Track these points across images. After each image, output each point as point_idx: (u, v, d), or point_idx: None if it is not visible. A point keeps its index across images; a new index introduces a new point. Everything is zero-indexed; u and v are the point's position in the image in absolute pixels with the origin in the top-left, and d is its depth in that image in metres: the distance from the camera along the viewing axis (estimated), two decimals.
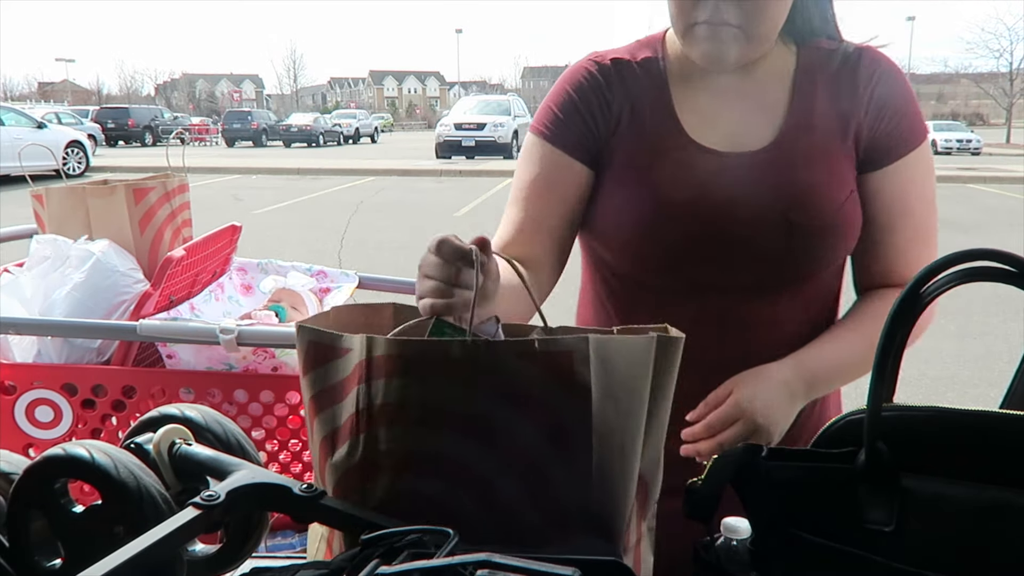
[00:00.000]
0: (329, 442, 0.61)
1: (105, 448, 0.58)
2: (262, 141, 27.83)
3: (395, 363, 0.57)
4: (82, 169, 13.86)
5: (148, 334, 1.20)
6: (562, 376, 0.55)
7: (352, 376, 0.59)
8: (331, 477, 0.60)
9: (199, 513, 0.53)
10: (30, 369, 1.27)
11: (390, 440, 0.57)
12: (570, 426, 0.56)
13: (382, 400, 0.57)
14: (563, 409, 0.56)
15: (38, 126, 13.09)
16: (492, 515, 0.56)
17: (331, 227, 8.18)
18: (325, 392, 0.61)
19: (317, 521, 0.59)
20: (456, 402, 0.56)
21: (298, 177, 14.74)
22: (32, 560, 0.59)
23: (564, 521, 0.57)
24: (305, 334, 0.62)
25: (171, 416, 0.67)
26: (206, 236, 1.54)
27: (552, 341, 0.56)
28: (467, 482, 0.57)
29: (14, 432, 1.24)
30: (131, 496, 0.56)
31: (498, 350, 0.56)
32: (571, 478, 0.56)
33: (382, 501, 0.58)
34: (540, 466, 0.56)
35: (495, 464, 0.56)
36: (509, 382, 0.56)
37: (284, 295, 1.52)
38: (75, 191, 1.52)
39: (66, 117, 23.35)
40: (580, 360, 0.55)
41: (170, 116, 31.12)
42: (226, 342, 1.17)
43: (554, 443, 0.56)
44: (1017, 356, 0.74)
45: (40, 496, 0.58)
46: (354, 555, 0.51)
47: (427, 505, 0.57)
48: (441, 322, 0.63)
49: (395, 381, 0.57)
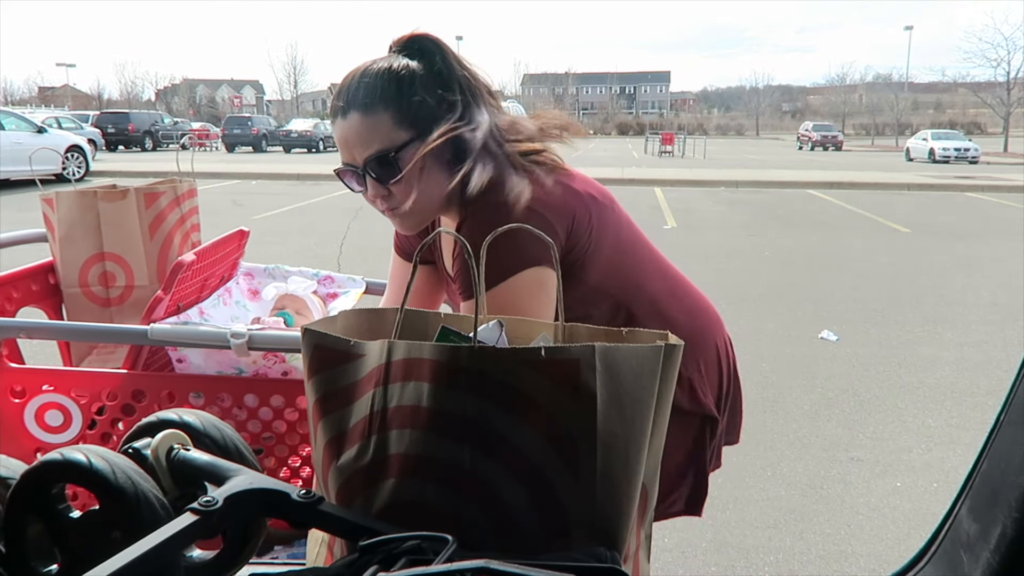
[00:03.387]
0: (335, 445, 0.61)
1: (103, 453, 0.58)
2: (262, 146, 27.86)
3: (411, 367, 0.57)
4: (82, 173, 13.85)
5: (159, 338, 1.20)
6: (568, 384, 0.55)
7: (368, 380, 0.59)
8: (335, 480, 0.60)
9: (197, 519, 0.53)
10: (39, 373, 1.27)
11: (400, 444, 0.57)
12: (576, 434, 0.56)
13: (396, 403, 0.57)
14: (569, 417, 0.56)
15: (38, 131, 13.09)
16: (496, 521, 0.56)
17: (330, 232, 8.18)
18: (332, 395, 0.61)
19: (315, 527, 0.59)
20: (463, 408, 0.56)
21: (298, 182, 14.75)
22: (29, 565, 0.59)
23: (567, 529, 0.57)
24: (311, 337, 0.62)
25: (169, 421, 0.67)
26: (215, 241, 1.54)
27: (559, 349, 0.56)
28: (472, 488, 0.57)
29: (24, 436, 1.24)
30: (129, 501, 0.56)
31: (505, 357, 0.56)
32: (576, 486, 0.56)
33: (386, 504, 0.58)
34: (545, 474, 0.56)
35: (500, 471, 0.56)
36: (515, 389, 0.56)
37: (287, 301, 1.52)
38: (86, 195, 1.52)
39: (66, 122, 23.41)
40: (587, 368, 0.55)
41: (170, 121, 31.14)
42: (237, 346, 1.17)
43: (559, 451, 0.56)
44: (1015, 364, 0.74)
45: (37, 501, 0.58)
46: (352, 561, 0.51)
47: (431, 510, 0.57)
48: (447, 329, 0.63)
49: (410, 385, 0.57)
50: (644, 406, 0.58)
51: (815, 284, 6.06)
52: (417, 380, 0.57)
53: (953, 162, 24.87)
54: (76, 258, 1.53)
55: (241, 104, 62.36)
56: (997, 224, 9.82)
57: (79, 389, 1.25)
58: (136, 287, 1.54)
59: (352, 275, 1.72)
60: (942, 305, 5.39)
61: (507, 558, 0.45)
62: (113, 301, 1.55)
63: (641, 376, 0.57)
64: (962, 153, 25.36)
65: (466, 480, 0.57)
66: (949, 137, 27.27)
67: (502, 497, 0.56)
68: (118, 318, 1.55)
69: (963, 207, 11.85)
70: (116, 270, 1.54)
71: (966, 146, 25.84)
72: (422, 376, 0.57)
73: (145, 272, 1.54)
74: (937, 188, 14.93)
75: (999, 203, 12.52)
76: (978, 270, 6.63)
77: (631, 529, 0.60)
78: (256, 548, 0.64)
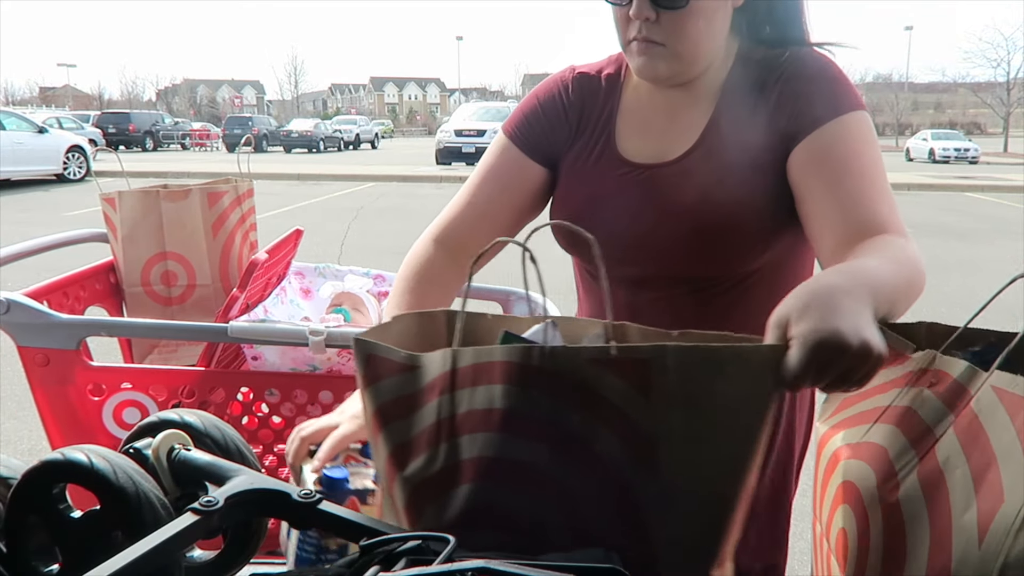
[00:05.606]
0: (399, 455, 0.59)
1: (104, 453, 0.58)
2: (263, 147, 27.87)
3: (480, 372, 0.56)
4: (83, 174, 13.86)
5: (238, 335, 1.20)
6: (641, 384, 0.54)
7: (431, 388, 0.58)
8: (403, 490, 0.59)
9: (198, 519, 0.53)
10: (120, 371, 1.27)
11: (472, 448, 0.56)
12: (652, 436, 0.54)
13: (467, 408, 0.56)
14: (644, 418, 0.54)
15: (39, 131, 13.10)
16: (574, 527, 0.55)
17: (332, 232, 8.18)
18: (392, 404, 0.60)
19: (315, 527, 0.59)
20: (539, 407, 0.55)
21: (298, 183, 14.75)
22: (30, 565, 0.59)
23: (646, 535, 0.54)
24: (362, 347, 0.60)
25: (170, 421, 0.67)
26: (278, 240, 1.55)
27: (629, 348, 0.54)
28: (550, 490, 0.55)
29: (102, 434, 1.24)
30: (130, 501, 0.56)
31: (576, 355, 0.55)
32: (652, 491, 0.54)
33: (461, 511, 0.56)
34: (623, 476, 0.54)
35: (576, 472, 0.55)
36: (589, 389, 0.54)
37: (344, 298, 1.52)
38: (148, 194, 1.53)
39: (67, 122, 23.42)
40: (658, 368, 0.53)
41: (171, 121, 31.18)
42: (315, 344, 1.18)
43: (637, 454, 0.54)
44: None
45: (38, 501, 0.58)
46: (353, 561, 0.51)
47: (507, 514, 0.55)
48: (510, 334, 0.63)
49: (480, 389, 0.56)
50: (734, 407, 0.54)
51: None
52: (488, 383, 0.56)
53: (953, 162, 24.86)
54: (138, 257, 1.55)
55: (242, 104, 62.41)
56: (997, 224, 9.82)
57: (156, 386, 1.25)
58: (198, 286, 1.55)
59: None
60: (942, 305, 5.39)
61: (507, 558, 0.45)
62: (175, 300, 1.57)
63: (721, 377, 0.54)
64: (962, 153, 25.36)
65: (544, 482, 0.55)
66: (949, 137, 27.27)
67: (579, 500, 0.55)
68: (179, 316, 1.56)
69: (963, 207, 11.85)
70: (178, 269, 1.55)
71: (966, 146, 25.84)
72: (493, 379, 0.56)
73: (207, 271, 1.56)
74: (937, 188, 14.93)
75: (999, 203, 12.52)
76: (978, 270, 6.63)
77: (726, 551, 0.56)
78: (257, 548, 0.64)
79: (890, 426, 0.60)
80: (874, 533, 0.58)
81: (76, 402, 1.24)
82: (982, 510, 0.49)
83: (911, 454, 0.57)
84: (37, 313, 1.21)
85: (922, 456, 0.56)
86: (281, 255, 1.56)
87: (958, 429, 0.54)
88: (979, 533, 0.49)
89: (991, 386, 0.53)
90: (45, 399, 1.24)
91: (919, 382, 0.60)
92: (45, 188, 12.55)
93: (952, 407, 0.55)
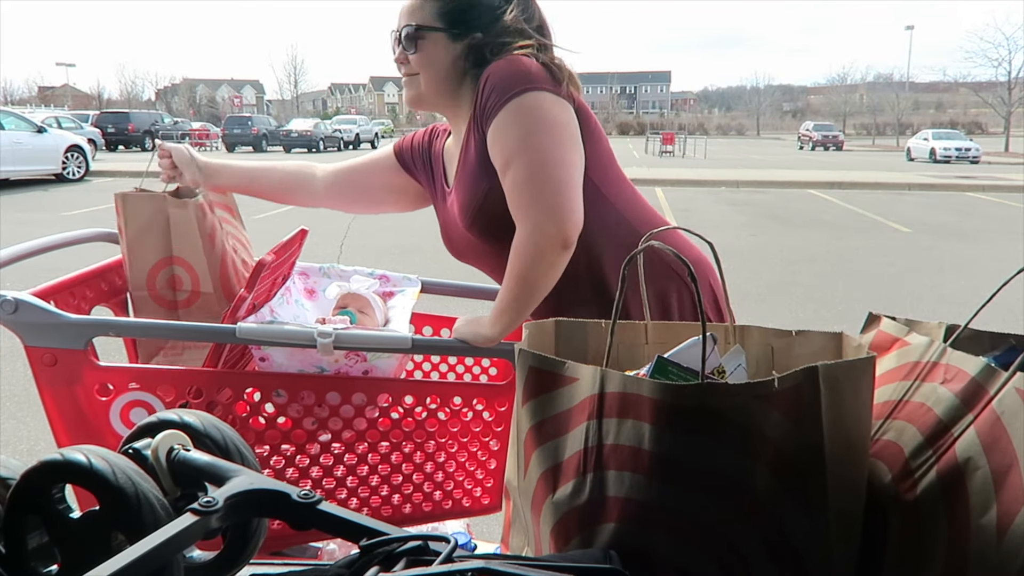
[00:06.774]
0: (551, 477, 0.58)
1: (103, 453, 0.58)
2: (262, 146, 27.86)
3: (628, 404, 0.54)
4: (82, 173, 13.86)
5: (246, 337, 1.21)
6: (794, 412, 0.52)
7: (580, 409, 0.57)
8: (552, 514, 0.58)
9: (197, 519, 0.53)
10: (128, 372, 1.27)
11: (620, 487, 0.54)
12: (805, 466, 0.52)
13: (613, 441, 0.54)
14: (797, 448, 0.52)
15: (38, 130, 13.09)
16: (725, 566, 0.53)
17: (331, 232, 8.17)
18: (549, 422, 0.58)
19: (315, 527, 0.59)
20: (690, 454, 0.53)
21: None
22: (29, 566, 0.59)
23: (803, 569, 0.53)
24: (527, 359, 0.59)
25: (169, 422, 0.67)
26: (283, 241, 1.55)
27: (788, 377, 0.52)
28: (708, 539, 0.53)
29: (110, 434, 1.24)
30: (129, 502, 0.55)
31: (737, 393, 0.52)
32: (808, 527, 0.52)
33: (609, 548, 0.55)
34: (777, 516, 0.52)
35: (734, 519, 0.53)
36: (746, 428, 0.52)
37: (350, 300, 1.52)
38: (155, 198, 1.52)
39: (66, 121, 23.42)
40: (810, 391, 0.52)
41: (170, 121, 31.16)
42: (323, 345, 1.18)
43: (791, 488, 0.52)
44: None
45: (37, 502, 0.58)
46: (353, 561, 0.50)
47: (662, 560, 0.54)
48: (663, 360, 0.60)
49: (628, 423, 0.54)
50: (864, 424, 0.54)
51: (816, 284, 6.06)
52: (636, 419, 0.54)
53: (954, 162, 24.86)
54: (145, 261, 1.54)
55: (241, 104, 62.38)
56: (997, 224, 9.82)
57: (164, 387, 1.25)
58: (202, 293, 1.55)
59: (407, 274, 1.71)
60: (942, 305, 5.38)
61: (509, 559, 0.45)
62: (180, 304, 1.56)
63: (860, 392, 0.53)
64: (963, 153, 25.36)
65: (701, 531, 0.53)
66: (950, 137, 27.27)
67: (738, 547, 0.53)
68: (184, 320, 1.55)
69: (964, 207, 11.85)
70: (183, 274, 1.54)
71: (967, 146, 25.84)
72: (641, 415, 0.53)
73: (209, 279, 1.55)
74: (938, 188, 14.92)
75: (1000, 203, 12.52)
76: (978, 270, 6.63)
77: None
78: (256, 548, 0.64)
79: (904, 423, 0.60)
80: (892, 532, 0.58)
81: (83, 402, 1.23)
82: (1002, 511, 0.49)
83: (928, 452, 0.56)
84: (46, 313, 1.21)
85: (940, 455, 0.56)
86: (287, 255, 1.56)
87: (979, 429, 0.53)
88: (998, 534, 0.48)
89: (1015, 388, 0.53)
90: (52, 399, 1.23)
91: (929, 376, 0.60)
92: (44, 188, 12.57)
93: (970, 406, 0.55)
